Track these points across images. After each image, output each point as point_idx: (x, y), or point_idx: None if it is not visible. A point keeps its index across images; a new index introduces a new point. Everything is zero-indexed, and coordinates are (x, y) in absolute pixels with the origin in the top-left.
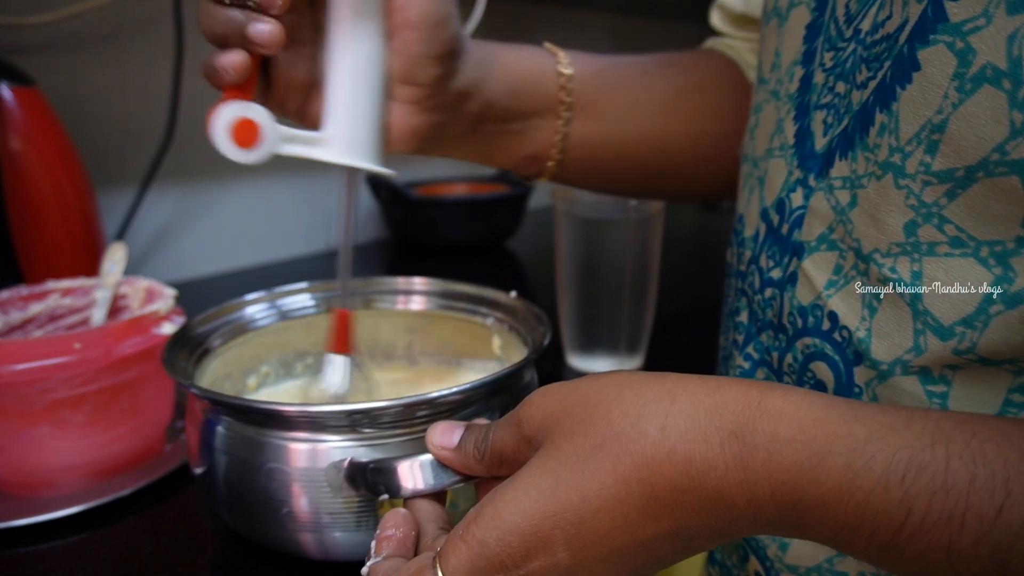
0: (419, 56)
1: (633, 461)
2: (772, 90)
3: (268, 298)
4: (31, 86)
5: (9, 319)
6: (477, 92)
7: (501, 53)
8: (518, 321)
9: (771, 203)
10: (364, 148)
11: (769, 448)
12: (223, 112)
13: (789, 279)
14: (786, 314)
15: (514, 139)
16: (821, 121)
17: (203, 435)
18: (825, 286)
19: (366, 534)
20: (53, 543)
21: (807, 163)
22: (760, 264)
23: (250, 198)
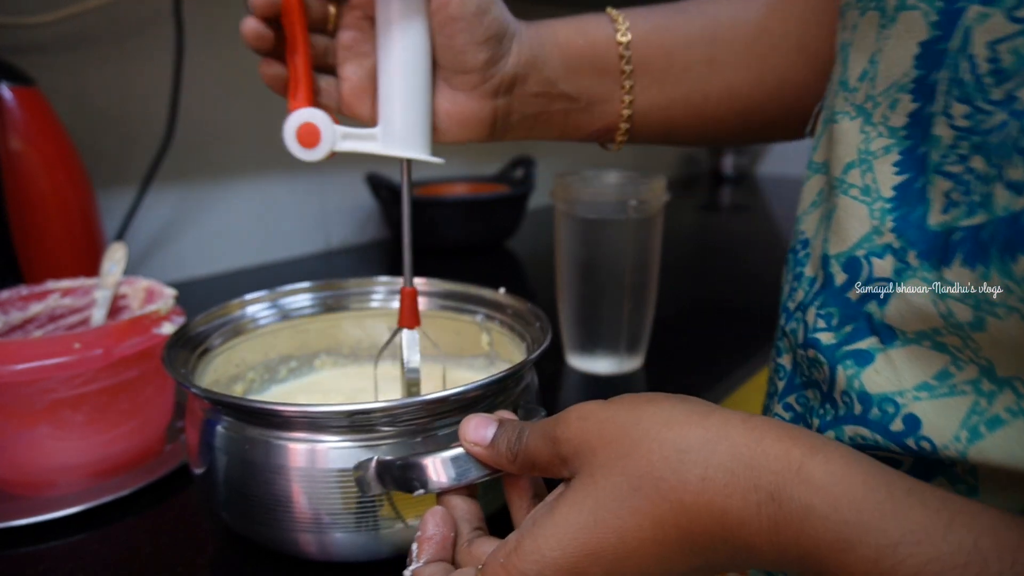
0: (465, 44)
1: (672, 508)
2: (859, 104)
3: (269, 298)
4: (31, 86)
5: (9, 319)
6: (534, 71)
7: (557, 29)
8: (508, 317)
9: (838, 254)
10: (414, 140)
11: (803, 519)
12: (289, 120)
13: (854, 356)
14: (840, 390)
15: (582, 115)
16: (942, 193)
17: (203, 435)
18: (916, 387)
19: (366, 534)
20: (53, 543)
21: (909, 233)
22: (807, 318)
23: (250, 198)
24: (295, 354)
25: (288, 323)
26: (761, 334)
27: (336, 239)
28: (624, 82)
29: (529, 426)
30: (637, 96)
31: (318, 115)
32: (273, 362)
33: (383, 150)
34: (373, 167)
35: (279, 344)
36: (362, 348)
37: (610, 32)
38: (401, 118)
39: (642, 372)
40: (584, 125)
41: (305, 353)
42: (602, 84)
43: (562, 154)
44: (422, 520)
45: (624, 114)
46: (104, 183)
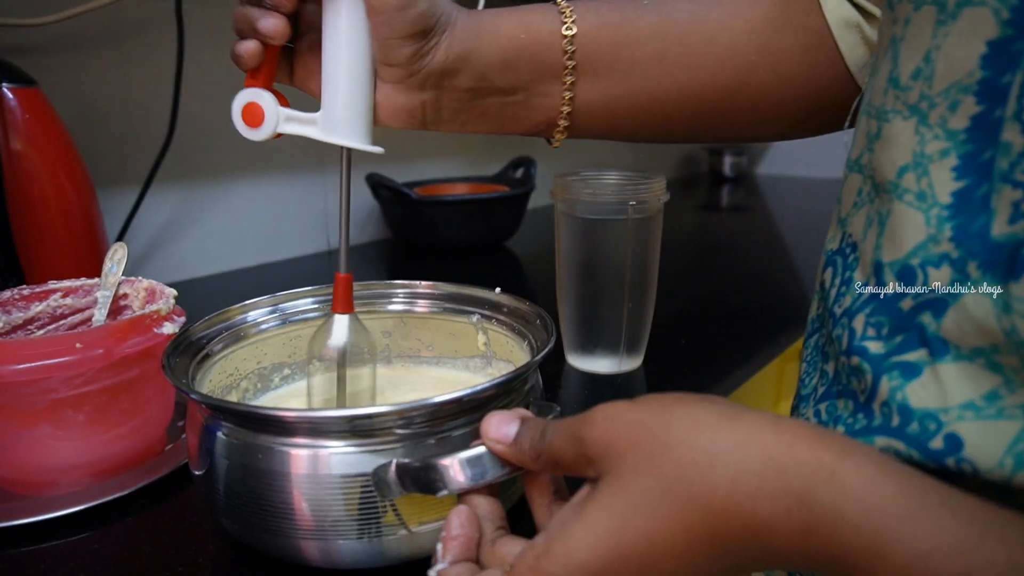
0: (387, 37)
1: (702, 513)
2: (913, 104)
3: (270, 302)
4: (33, 86)
5: (11, 319)
6: (465, 66)
7: (500, 22)
8: (505, 316)
9: (892, 262)
10: (353, 128)
11: (833, 525)
12: (237, 98)
13: (900, 368)
14: (880, 401)
15: (519, 109)
16: (1010, 203)
17: (203, 440)
18: (962, 405)
19: (368, 541)
20: (53, 543)
21: (970, 243)
22: (854, 325)
23: (250, 198)
24: (287, 362)
25: (291, 327)
26: (761, 334)
27: (336, 239)
28: (565, 78)
29: (552, 424)
30: (579, 92)
31: (264, 95)
32: (267, 369)
33: (322, 136)
34: (373, 167)
35: (281, 348)
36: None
37: (556, 25)
38: (342, 106)
39: (642, 372)
40: (522, 119)
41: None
42: (541, 79)
43: (562, 154)
44: (447, 520)
45: (563, 110)
46: (105, 183)
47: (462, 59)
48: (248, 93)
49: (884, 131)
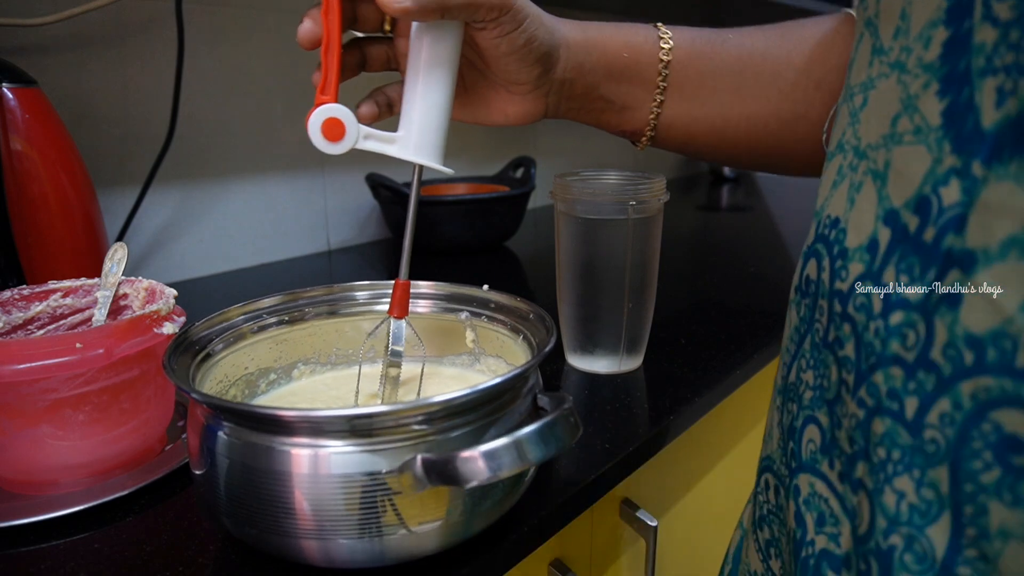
0: (517, 70)
1: None
2: (894, 61)
3: (271, 302)
4: (33, 86)
5: (11, 319)
6: (580, 77)
7: (606, 40)
8: (492, 312)
9: (905, 202)
10: (429, 148)
11: None
12: (316, 113)
13: (944, 300)
14: (941, 346)
15: (615, 115)
16: (993, 90)
17: (204, 440)
18: (1021, 307)
19: (369, 541)
20: (54, 542)
21: (968, 146)
22: (883, 280)
23: (250, 198)
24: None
25: (293, 327)
26: (761, 334)
27: (336, 239)
28: (656, 96)
29: None
30: (665, 108)
31: (346, 112)
32: (277, 365)
33: (399, 154)
34: (373, 167)
35: (282, 348)
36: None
37: (654, 49)
38: (420, 127)
39: (642, 372)
40: (615, 124)
41: (283, 364)
42: (637, 93)
43: (562, 154)
44: None
45: (651, 122)
46: (105, 183)
47: (577, 71)
48: (329, 108)
49: (871, 98)
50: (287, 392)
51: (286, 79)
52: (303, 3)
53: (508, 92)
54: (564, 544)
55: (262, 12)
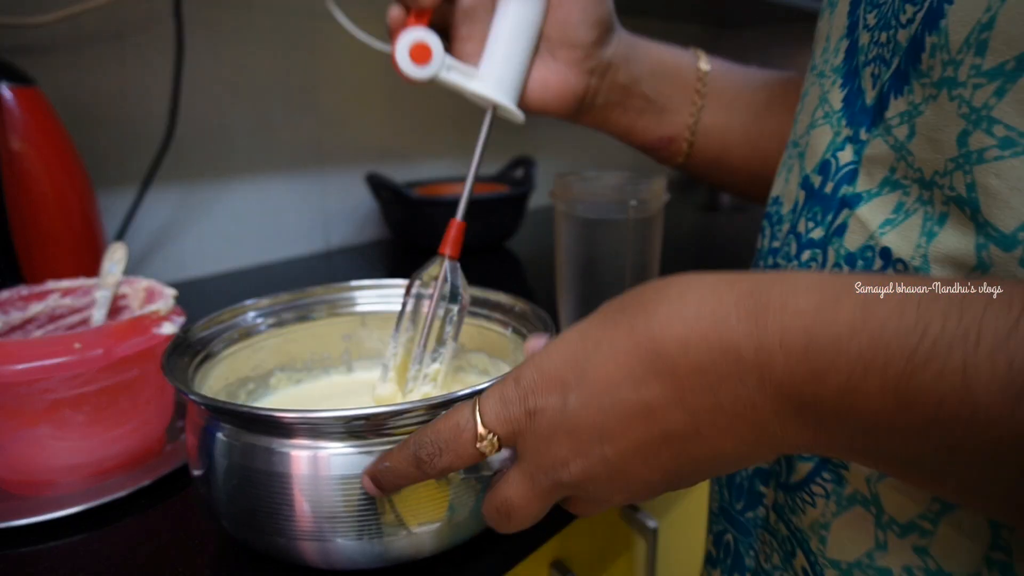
0: (579, 21)
1: (648, 319)
2: (819, 72)
3: (270, 302)
4: (31, 86)
5: (9, 319)
6: (625, 65)
7: (648, 42)
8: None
9: (812, 168)
10: (507, 89)
11: (784, 299)
12: (405, 34)
13: (835, 232)
14: (830, 267)
15: (653, 117)
16: (869, 75)
17: (202, 441)
18: (880, 225)
19: (368, 542)
20: (53, 543)
21: (857, 119)
22: (797, 230)
23: (250, 198)
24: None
25: (293, 326)
26: None
27: (336, 239)
28: (697, 100)
29: None
30: (704, 115)
31: (434, 38)
32: (267, 370)
33: (480, 89)
34: (373, 167)
35: (283, 348)
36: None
37: (693, 60)
38: (503, 67)
39: None
40: (652, 128)
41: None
42: (677, 96)
43: (562, 154)
44: None
45: (690, 126)
46: (104, 183)
47: (624, 58)
48: (417, 32)
49: (804, 102)
50: (303, 389)
51: (286, 79)
52: (303, 3)
53: (554, 59)
54: (564, 544)
55: (262, 12)
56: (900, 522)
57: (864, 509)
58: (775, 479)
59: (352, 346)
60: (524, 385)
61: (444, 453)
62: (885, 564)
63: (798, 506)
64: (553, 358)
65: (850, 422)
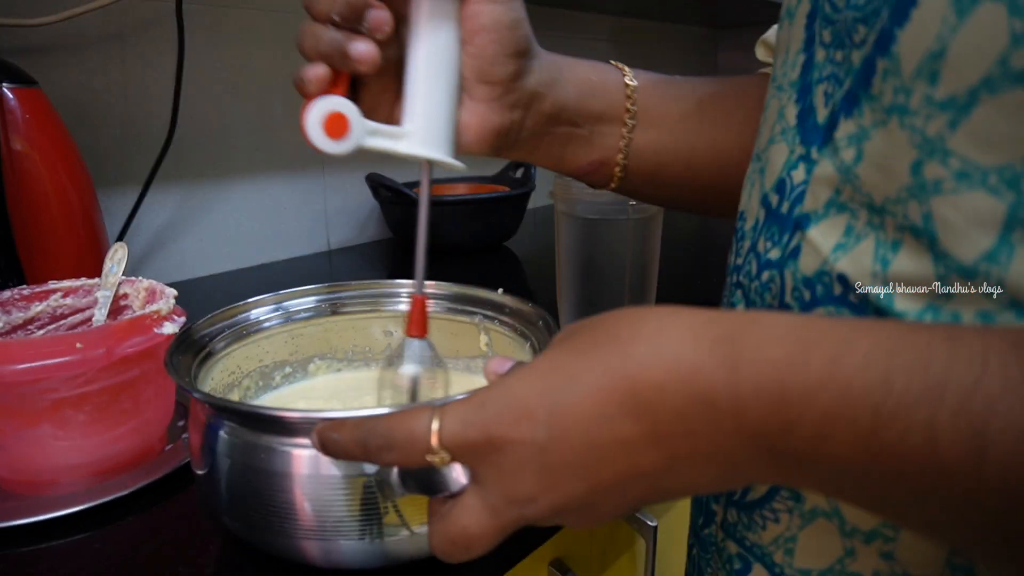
0: (494, 56)
1: (623, 358)
2: (778, 85)
3: (272, 300)
4: (33, 87)
5: (11, 319)
6: (549, 93)
7: (571, 61)
8: (507, 317)
9: (771, 186)
10: (440, 142)
11: (759, 347)
12: (316, 105)
13: (791, 255)
14: (789, 291)
15: (583, 143)
16: (822, 93)
17: (205, 440)
18: (832, 249)
19: (370, 542)
20: (54, 542)
21: (808, 137)
22: (757, 249)
23: (250, 198)
24: (290, 359)
25: (293, 326)
26: None
27: (336, 239)
28: (627, 120)
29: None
30: (636, 135)
31: (349, 105)
32: (268, 368)
33: (409, 150)
34: (373, 167)
35: (279, 349)
36: (357, 352)
37: (618, 77)
38: (429, 119)
39: None
40: (582, 154)
41: (299, 358)
42: (607, 118)
43: None
44: None
45: (623, 149)
46: (105, 183)
47: (548, 85)
48: (330, 102)
49: (765, 116)
50: (304, 388)
51: (286, 79)
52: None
53: (471, 98)
54: (564, 544)
55: (262, 12)
56: (863, 530)
57: (827, 520)
58: (725, 497)
59: (347, 344)
60: (489, 412)
61: (392, 451)
62: (855, 569)
63: (756, 523)
64: (523, 387)
65: (820, 469)
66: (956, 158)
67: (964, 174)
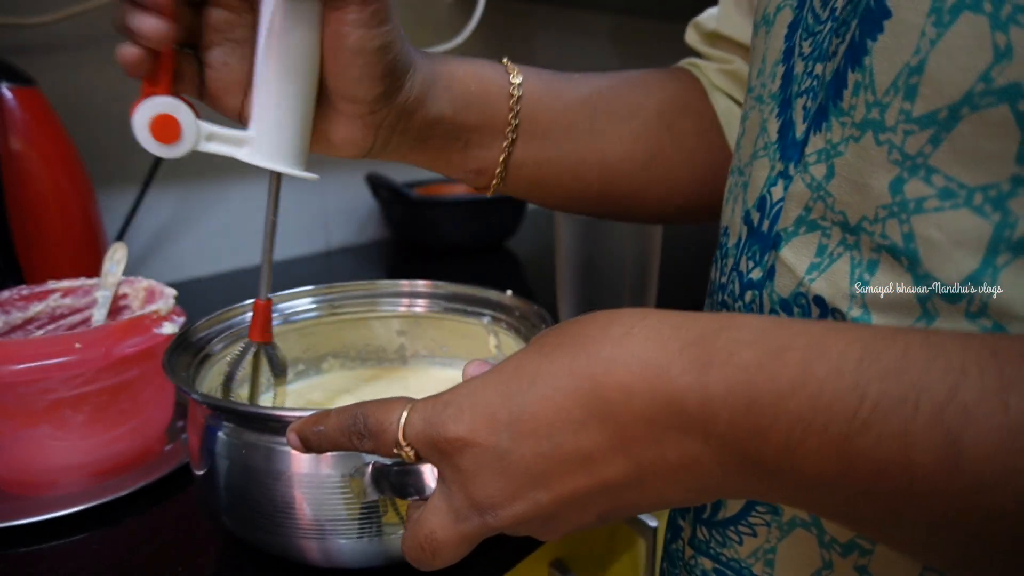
0: (360, 77)
1: (589, 358)
2: (757, 96)
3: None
4: (31, 86)
5: (10, 319)
6: (421, 107)
7: (453, 69)
8: (515, 319)
9: (753, 203)
10: (286, 151)
11: (729, 350)
12: (142, 108)
13: (768, 275)
14: (767, 312)
15: (458, 154)
16: (801, 108)
17: (204, 440)
18: (807, 270)
19: (369, 541)
20: (53, 543)
21: (788, 152)
22: (740, 268)
23: (250, 198)
24: (302, 357)
25: (291, 327)
26: None
27: (336, 239)
28: (508, 133)
29: None
30: (516, 148)
31: (179, 107)
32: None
33: (251, 159)
34: (373, 167)
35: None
36: (369, 351)
37: (504, 83)
38: (276, 127)
39: None
40: (457, 163)
41: (311, 356)
42: (485, 130)
43: None
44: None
45: (500, 161)
46: (104, 183)
47: (420, 100)
48: (158, 103)
49: (745, 127)
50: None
51: None
52: None
53: (335, 110)
54: (564, 544)
55: None
56: (841, 542)
57: (806, 531)
58: (693, 513)
59: (359, 343)
60: (452, 412)
61: (369, 440)
62: None
63: (731, 539)
64: (487, 389)
65: (792, 478)
66: (940, 175)
67: (948, 192)
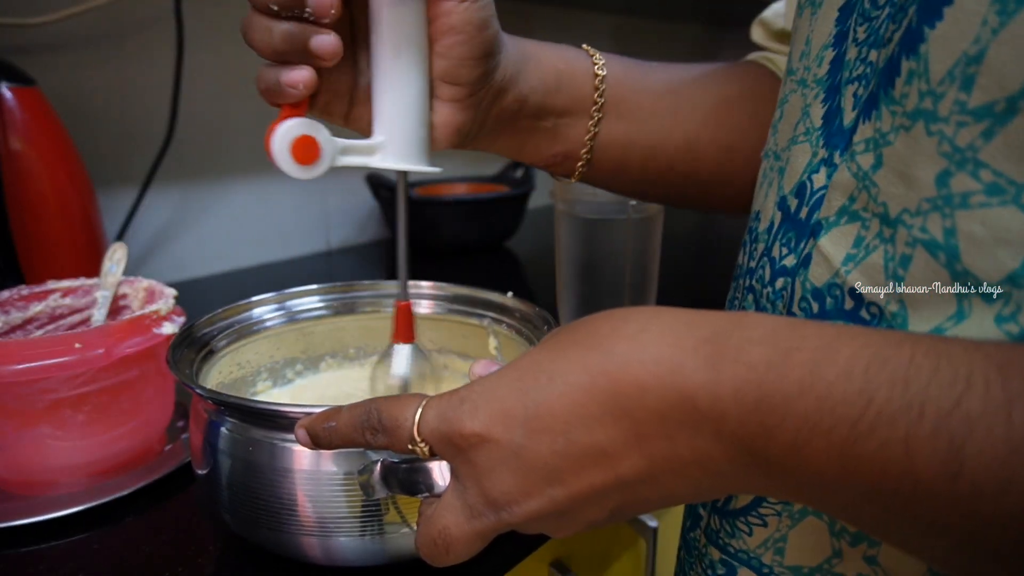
0: (463, 58)
1: (604, 355)
2: (799, 79)
3: (274, 299)
4: (32, 86)
5: (10, 319)
6: (513, 87)
7: (538, 50)
8: (516, 321)
9: (790, 189)
10: (414, 151)
11: (739, 348)
12: (281, 132)
13: (803, 263)
14: (797, 301)
15: (546, 136)
16: (851, 95)
17: (207, 437)
18: (843, 261)
19: (370, 539)
20: (53, 543)
21: (834, 140)
22: (772, 254)
23: (250, 198)
24: (300, 356)
25: (294, 325)
26: None
27: (336, 239)
28: (594, 112)
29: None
30: (602, 128)
31: (318, 127)
32: (279, 364)
33: (384, 163)
34: None
35: (284, 346)
36: (367, 350)
37: (588, 65)
38: (401, 127)
39: None
40: (545, 147)
41: (311, 355)
42: (572, 110)
43: None
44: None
45: (587, 143)
46: (104, 183)
47: (511, 80)
48: (296, 124)
49: (784, 111)
50: (305, 385)
51: None
52: None
53: (437, 99)
54: (564, 544)
55: None
56: (851, 531)
57: (817, 519)
58: (711, 502)
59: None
60: (467, 408)
61: (382, 435)
62: (840, 571)
63: (740, 531)
64: (502, 386)
65: (798, 477)
66: (989, 171)
67: (996, 187)
